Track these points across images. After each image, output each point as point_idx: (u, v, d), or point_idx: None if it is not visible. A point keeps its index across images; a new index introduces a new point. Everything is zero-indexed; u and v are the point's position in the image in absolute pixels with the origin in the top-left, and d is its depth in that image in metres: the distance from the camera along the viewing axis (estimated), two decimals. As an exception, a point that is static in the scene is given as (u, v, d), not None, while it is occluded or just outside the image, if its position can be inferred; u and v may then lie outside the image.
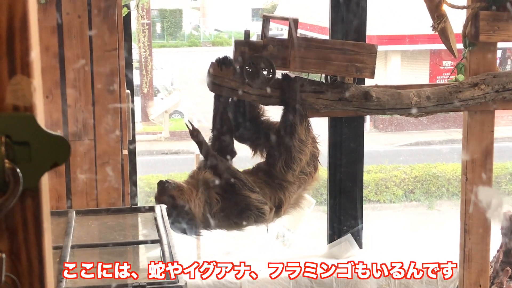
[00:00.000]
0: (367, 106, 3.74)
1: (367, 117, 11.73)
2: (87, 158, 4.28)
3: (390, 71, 12.55)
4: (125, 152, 4.37)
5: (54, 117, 4.22)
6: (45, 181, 0.93)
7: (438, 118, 11.61)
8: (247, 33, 3.66)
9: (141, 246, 3.12)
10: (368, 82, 4.05)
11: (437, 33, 3.83)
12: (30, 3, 0.80)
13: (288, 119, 3.65)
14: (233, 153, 3.73)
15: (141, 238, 3.23)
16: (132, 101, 4.80)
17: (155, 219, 3.18)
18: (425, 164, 11.86)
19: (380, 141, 12.98)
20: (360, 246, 5.47)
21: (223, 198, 3.46)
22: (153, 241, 3.01)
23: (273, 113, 3.81)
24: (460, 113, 4.19)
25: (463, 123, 4.05)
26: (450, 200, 11.32)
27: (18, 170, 0.90)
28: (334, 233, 5.45)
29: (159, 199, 3.38)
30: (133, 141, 4.99)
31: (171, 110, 12.92)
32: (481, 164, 3.97)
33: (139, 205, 5.20)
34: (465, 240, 4.05)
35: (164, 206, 3.32)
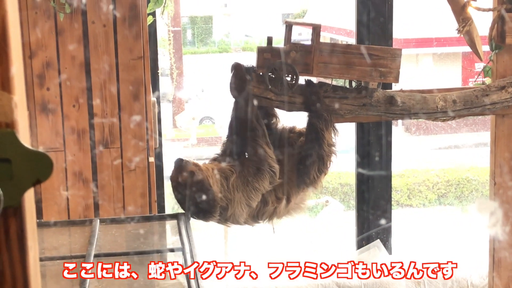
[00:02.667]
0: (392, 111, 3.70)
1: (399, 121, 11.63)
2: (113, 166, 4.31)
3: (421, 73, 12.45)
4: (152, 159, 4.38)
5: (80, 125, 4.25)
6: (29, 198, 0.92)
7: (468, 121, 11.49)
8: (269, 40, 3.65)
9: (169, 253, 3.12)
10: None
11: (462, 36, 3.78)
12: (10, 18, 0.79)
13: (314, 126, 3.64)
14: None
15: (164, 246, 3.23)
16: (159, 109, 4.81)
17: (178, 226, 3.17)
18: (458, 167, 11.72)
19: (412, 145, 12.86)
20: (390, 252, 5.41)
21: (236, 167, 3.46)
22: (175, 249, 3.01)
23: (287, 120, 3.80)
24: (489, 116, 4.13)
25: (490, 126, 3.99)
26: (484, 204, 11.15)
27: (-2, 188, 0.90)
28: (363, 239, 5.41)
29: (177, 177, 3.30)
30: (160, 149, 5.00)
31: (201, 116, 12.95)
32: (510, 169, 3.91)
33: (167, 212, 5.21)
34: (494, 245, 3.98)
35: (188, 215, 3.31)
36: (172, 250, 3.06)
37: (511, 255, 3.97)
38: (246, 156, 3.50)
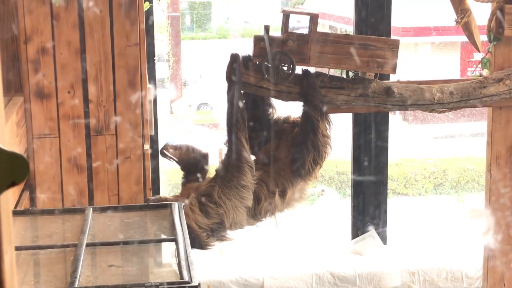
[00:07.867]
0: (389, 101, 3.68)
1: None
2: (108, 153, 4.28)
3: (419, 62, 12.41)
4: (147, 147, 4.36)
5: (75, 112, 4.22)
6: (5, 200, 0.89)
7: (465, 112, 11.46)
8: (266, 29, 3.62)
9: (163, 243, 3.09)
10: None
11: (460, 27, 3.75)
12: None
13: (309, 116, 3.62)
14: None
15: (158, 235, 3.20)
16: (155, 95, 4.78)
17: (172, 216, 3.15)
18: (455, 157, 11.70)
19: (409, 134, 12.84)
20: (384, 242, 5.40)
21: (217, 176, 3.52)
22: (168, 239, 2.99)
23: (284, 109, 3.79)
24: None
25: (487, 119, 3.97)
26: (481, 194, 11.14)
27: (-30, 190, 0.87)
28: (358, 229, 5.39)
29: None
30: (155, 136, 4.98)
31: (198, 103, 12.91)
32: (506, 161, 3.89)
33: (162, 199, 5.18)
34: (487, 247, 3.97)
35: (181, 204, 3.30)
36: (165, 240, 3.04)
37: (506, 248, 3.96)
38: (225, 154, 3.55)
